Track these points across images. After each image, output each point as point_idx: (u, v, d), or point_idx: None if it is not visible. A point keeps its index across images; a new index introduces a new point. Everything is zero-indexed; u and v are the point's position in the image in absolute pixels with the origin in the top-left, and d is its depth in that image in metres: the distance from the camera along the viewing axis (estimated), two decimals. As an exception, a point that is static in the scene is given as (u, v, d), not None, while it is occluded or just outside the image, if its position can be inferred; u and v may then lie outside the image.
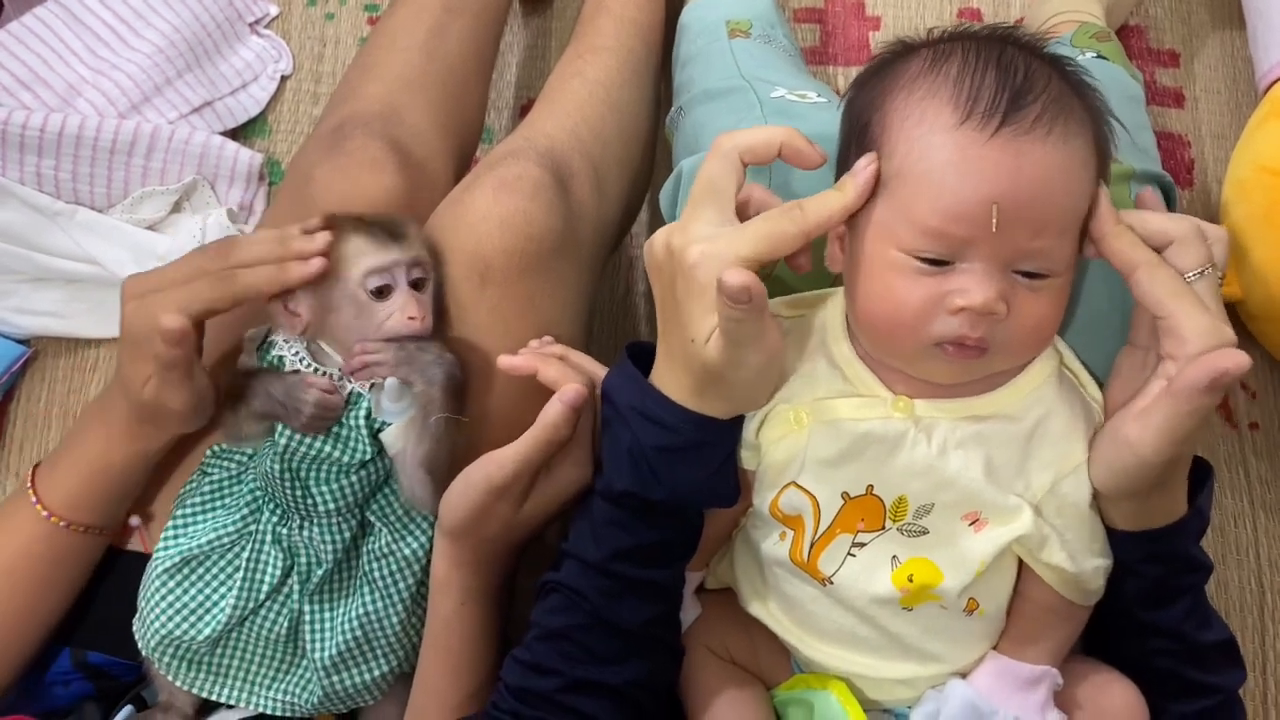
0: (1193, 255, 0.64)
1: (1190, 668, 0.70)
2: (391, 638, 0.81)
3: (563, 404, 0.73)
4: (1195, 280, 0.63)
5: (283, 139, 1.35)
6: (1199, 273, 0.64)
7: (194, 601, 0.79)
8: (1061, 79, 0.64)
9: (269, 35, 1.39)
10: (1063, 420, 0.67)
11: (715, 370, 0.64)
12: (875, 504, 0.68)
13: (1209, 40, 1.39)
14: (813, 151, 0.65)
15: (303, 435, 0.78)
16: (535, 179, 0.85)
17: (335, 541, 0.80)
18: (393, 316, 0.78)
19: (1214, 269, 0.64)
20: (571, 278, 0.88)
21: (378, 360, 0.78)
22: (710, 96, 0.96)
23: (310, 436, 0.78)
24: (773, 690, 0.77)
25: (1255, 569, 1.19)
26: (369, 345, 0.78)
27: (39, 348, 1.25)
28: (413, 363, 0.78)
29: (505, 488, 0.73)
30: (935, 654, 0.70)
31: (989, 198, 0.60)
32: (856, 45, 1.39)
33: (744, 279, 0.59)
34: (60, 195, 1.23)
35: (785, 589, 0.72)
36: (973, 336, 0.62)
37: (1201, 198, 1.32)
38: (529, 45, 1.40)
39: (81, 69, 1.27)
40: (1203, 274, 0.64)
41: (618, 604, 0.69)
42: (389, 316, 0.78)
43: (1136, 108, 0.98)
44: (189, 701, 0.83)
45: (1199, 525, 0.69)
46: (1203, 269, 0.64)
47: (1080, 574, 0.68)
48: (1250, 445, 1.23)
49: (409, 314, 0.78)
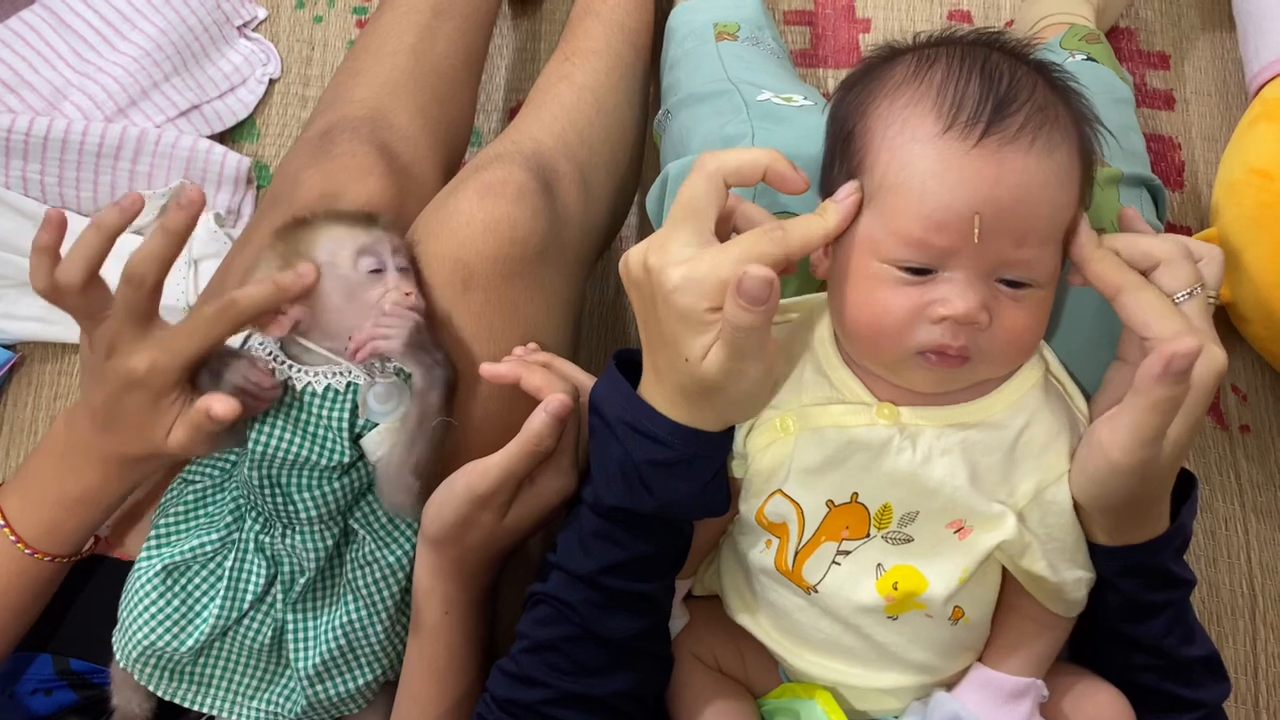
0: (1180, 276, 0.63)
1: (1173, 683, 0.70)
2: (375, 646, 0.81)
3: (548, 414, 0.73)
4: (1184, 301, 0.63)
5: (271, 142, 1.34)
6: (1188, 293, 0.63)
7: (176, 612, 0.79)
8: (1047, 86, 0.64)
9: (257, 38, 1.38)
10: (1048, 428, 0.66)
11: (712, 385, 0.63)
12: (860, 512, 0.67)
13: (1199, 42, 1.38)
14: (797, 178, 0.64)
15: (277, 437, 0.76)
16: (520, 183, 0.85)
17: (318, 549, 0.79)
18: (389, 294, 0.78)
19: (1203, 289, 0.64)
20: (557, 283, 0.88)
21: (387, 336, 0.76)
22: (697, 100, 0.96)
23: (284, 438, 0.76)
24: (760, 699, 0.77)
25: (1246, 572, 1.18)
26: (385, 320, 0.76)
27: (25, 353, 1.25)
28: (420, 353, 0.77)
29: (488, 497, 0.72)
30: (921, 663, 0.70)
31: (971, 207, 0.59)
32: (847, 47, 1.39)
33: (767, 274, 0.58)
34: (46, 199, 1.23)
35: (771, 598, 0.72)
36: (954, 345, 0.61)
37: (1192, 200, 1.32)
38: (518, 48, 1.40)
39: (68, 72, 1.26)
40: (1191, 294, 0.63)
41: (607, 616, 0.69)
42: (384, 294, 0.78)
43: (1125, 110, 0.97)
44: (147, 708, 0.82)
45: (1180, 541, 0.68)
46: (1191, 289, 0.63)
47: (1061, 584, 0.68)
48: (1241, 448, 1.22)
49: (405, 289, 0.78)
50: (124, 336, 0.74)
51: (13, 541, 0.79)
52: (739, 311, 0.59)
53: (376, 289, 0.78)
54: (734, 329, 0.60)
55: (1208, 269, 0.66)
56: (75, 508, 0.80)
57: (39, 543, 0.80)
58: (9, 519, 0.80)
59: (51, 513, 0.80)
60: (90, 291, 0.73)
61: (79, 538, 0.82)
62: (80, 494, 0.79)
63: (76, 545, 0.82)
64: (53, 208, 0.74)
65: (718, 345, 0.61)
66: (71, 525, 0.80)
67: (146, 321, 0.75)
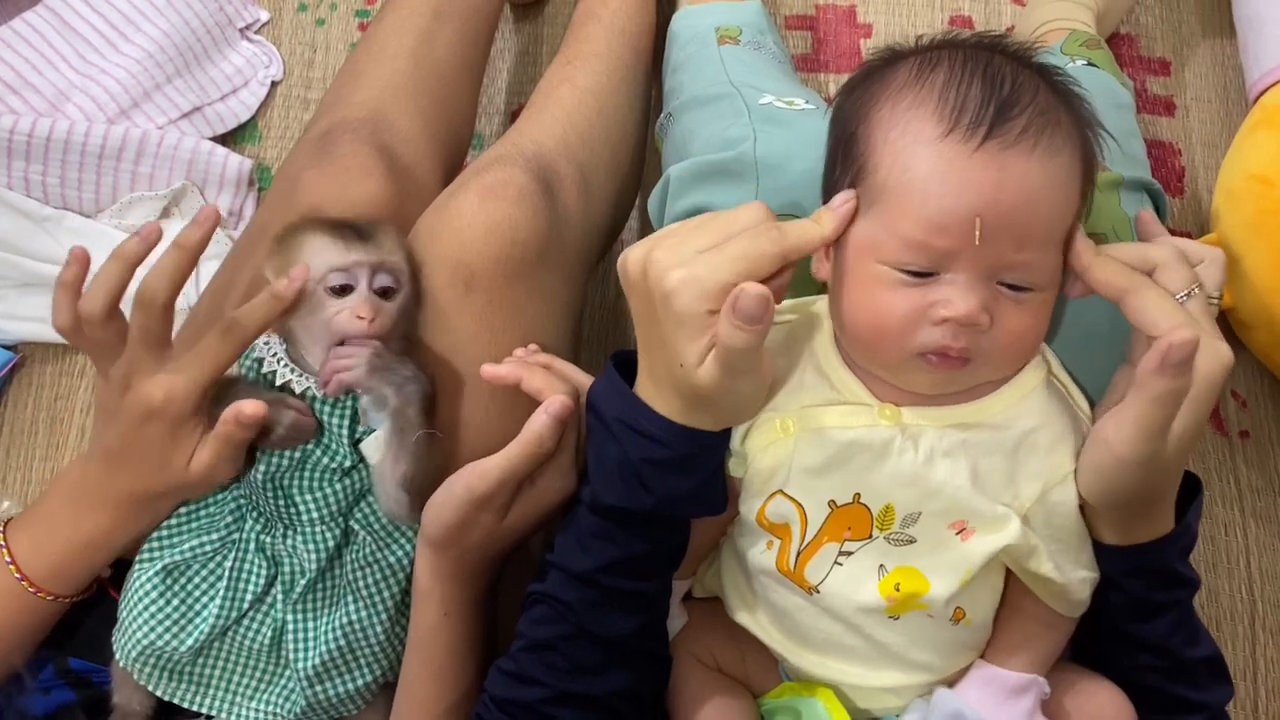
0: (1177, 279, 0.64)
1: (1177, 684, 0.70)
2: (375, 647, 0.81)
3: (548, 415, 0.73)
4: (1184, 302, 0.63)
5: (273, 144, 1.34)
6: (1185, 295, 0.63)
7: (176, 612, 0.79)
8: (1049, 89, 0.64)
9: (259, 41, 1.38)
10: (1052, 430, 0.66)
11: (706, 394, 0.63)
12: (862, 512, 0.67)
13: (1199, 49, 1.39)
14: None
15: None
16: (521, 185, 0.85)
17: (319, 550, 0.79)
18: (341, 314, 0.77)
19: (1201, 290, 0.64)
20: (558, 285, 0.88)
21: (348, 368, 0.76)
22: (699, 103, 0.96)
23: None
24: (760, 699, 0.77)
25: (1246, 578, 1.18)
26: (341, 352, 0.77)
27: (26, 353, 1.25)
28: (387, 374, 0.76)
29: (488, 498, 0.73)
30: (922, 663, 0.70)
31: (972, 210, 0.60)
32: (848, 52, 1.39)
33: (762, 291, 0.58)
34: (49, 200, 1.23)
35: (772, 598, 0.72)
36: (955, 347, 0.61)
37: (1192, 206, 1.32)
38: (520, 52, 1.40)
39: (70, 74, 1.27)
40: (1190, 295, 0.63)
41: (604, 615, 0.69)
42: (337, 313, 0.77)
43: (1126, 115, 0.97)
44: (146, 707, 0.82)
45: (1185, 542, 0.68)
46: (1189, 291, 0.63)
47: (1067, 585, 0.68)
48: (1241, 454, 1.22)
49: (358, 313, 0.77)
50: (140, 367, 0.75)
51: (17, 579, 0.79)
52: (734, 332, 0.59)
53: (332, 306, 0.77)
54: (728, 350, 0.60)
55: (1209, 271, 0.66)
56: (84, 550, 0.79)
57: (44, 583, 0.79)
58: (16, 558, 0.79)
59: (59, 555, 0.79)
60: (110, 324, 0.74)
61: (83, 579, 0.81)
62: (88, 537, 0.79)
63: (80, 586, 0.82)
64: (77, 246, 0.75)
65: (711, 359, 0.61)
66: (78, 567, 0.80)
67: (161, 349, 0.75)
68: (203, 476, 0.76)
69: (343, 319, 0.77)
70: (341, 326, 0.77)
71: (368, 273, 0.78)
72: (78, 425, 1.24)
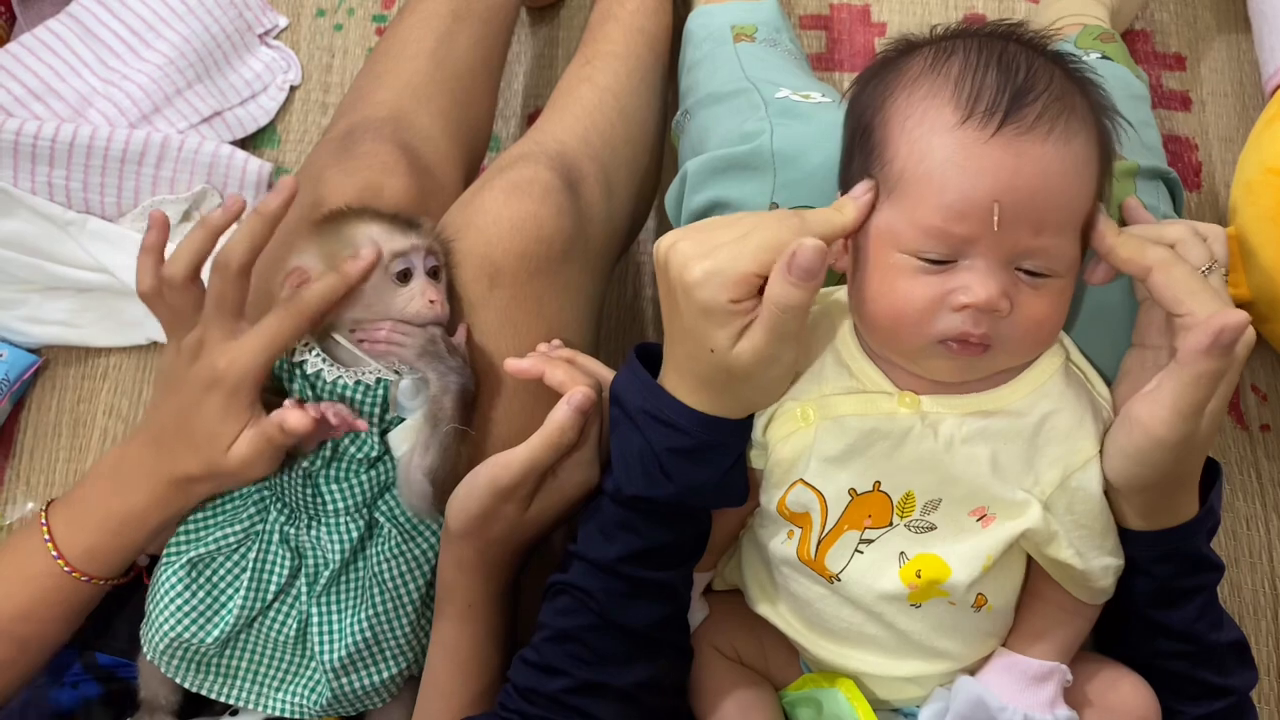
0: (1195, 256, 0.64)
1: (1203, 669, 0.70)
2: (401, 640, 0.81)
3: (570, 408, 0.73)
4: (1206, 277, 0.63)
5: (292, 148, 1.36)
6: (1206, 269, 0.64)
7: (202, 604, 0.79)
8: (1064, 76, 0.64)
9: (278, 46, 1.40)
10: (1071, 416, 0.67)
11: (741, 372, 0.64)
12: (883, 500, 0.68)
13: (1215, 44, 1.39)
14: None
15: None
16: (546, 182, 0.86)
17: (343, 541, 0.80)
18: (414, 300, 0.80)
19: (1219, 265, 0.64)
20: (580, 281, 0.89)
21: (404, 344, 0.78)
22: (715, 99, 0.96)
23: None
24: (781, 691, 0.77)
25: (1268, 572, 1.18)
26: (400, 328, 0.79)
27: (49, 357, 1.26)
28: (435, 358, 0.78)
29: (511, 490, 0.73)
30: (943, 651, 0.70)
31: (990, 196, 0.60)
32: (863, 51, 1.39)
33: (819, 244, 0.59)
34: (71, 205, 1.24)
35: (793, 588, 0.72)
36: (976, 333, 0.62)
37: (1209, 200, 1.31)
38: (537, 54, 1.41)
39: (93, 80, 1.28)
40: (1210, 270, 0.64)
41: (626, 605, 0.69)
42: (410, 300, 0.80)
43: (1141, 105, 0.97)
44: (173, 700, 0.83)
45: (1211, 524, 0.69)
46: (1209, 266, 0.64)
47: (1089, 571, 0.68)
48: (1262, 448, 1.22)
49: (430, 297, 0.80)
50: (212, 334, 0.76)
51: (55, 558, 0.79)
52: (788, 289, 0.60)
53: (403, 293, 0.80)
54: (782, 309, 0.61)
55: (1215, 247, 0.66)
56: (119, 529, 0.80)
57: (80, 563, 0.80)
58: (55, 538, 0.80)
59: (96, 534, 0.80)
60: (190, 290, 0.77)
61: (119, 560, 0.81)
62: (125, 515, 0.79)
63: (116, 569, 0.82)
64: (154, 209, 0.76)
65: (756, 330, 0.62)
66: (112, 547, 0.80)
67: (235, 317, 0.77)
68: (238, 467, 0.77)
69: (418, 304, 0.80)
70: (419, 311, 0.80)
71: (422, 257, 0.81)
72: (100, 428, 1.25)
